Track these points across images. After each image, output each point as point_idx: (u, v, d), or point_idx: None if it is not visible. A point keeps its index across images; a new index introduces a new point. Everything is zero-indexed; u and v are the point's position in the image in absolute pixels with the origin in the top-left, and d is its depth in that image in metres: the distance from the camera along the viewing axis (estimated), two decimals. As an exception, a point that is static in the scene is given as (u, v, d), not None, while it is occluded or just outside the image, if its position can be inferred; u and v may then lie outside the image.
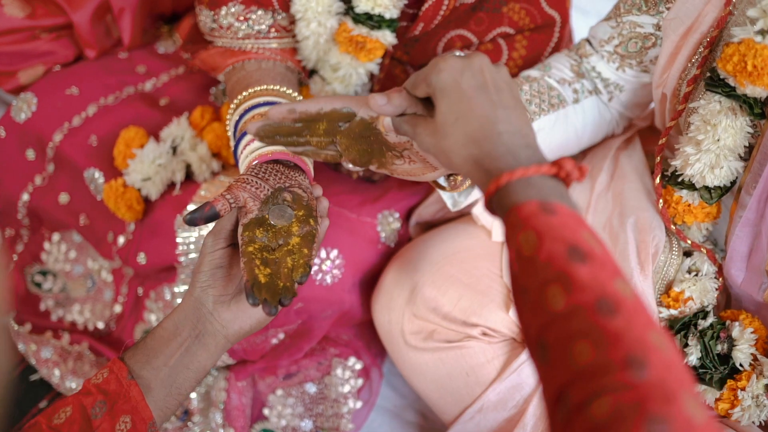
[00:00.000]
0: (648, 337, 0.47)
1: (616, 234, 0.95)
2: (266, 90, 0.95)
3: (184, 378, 0.76)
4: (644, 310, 0.50)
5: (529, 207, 0.56)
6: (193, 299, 0.77)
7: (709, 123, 0.84)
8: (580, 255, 0.52)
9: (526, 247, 0.54)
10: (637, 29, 0.94)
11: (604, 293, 0.49)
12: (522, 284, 0.54)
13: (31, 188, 1.22)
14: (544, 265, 0.52)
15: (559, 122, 0.98)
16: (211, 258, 0.77)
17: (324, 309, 1.05)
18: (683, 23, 0.87)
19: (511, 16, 1.07)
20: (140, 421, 0.73)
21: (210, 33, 1.06)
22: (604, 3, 1.86)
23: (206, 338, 0.77)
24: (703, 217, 0.91)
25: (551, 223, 0.54)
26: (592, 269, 0.51)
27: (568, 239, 0.53)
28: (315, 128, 0.83)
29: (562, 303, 0.50)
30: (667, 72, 0.91)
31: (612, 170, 1.06)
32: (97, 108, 1.19)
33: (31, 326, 1.23)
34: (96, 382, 0.74)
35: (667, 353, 0.47)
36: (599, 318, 0.48)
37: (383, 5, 1.01)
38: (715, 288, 0.92)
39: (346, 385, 1.12)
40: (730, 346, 0.87)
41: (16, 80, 1.24)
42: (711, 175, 0.87)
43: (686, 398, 0.44)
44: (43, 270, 1.26)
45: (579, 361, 0.47)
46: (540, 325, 0.51)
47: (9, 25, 1.21)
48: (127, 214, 1.08)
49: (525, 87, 0.98)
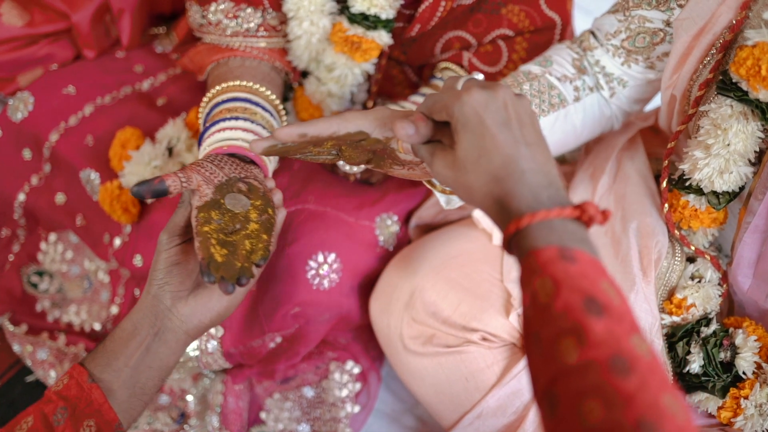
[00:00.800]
0: (662, 401, 0.46)
1: (619, 239, 0.93)
2: (242, 86, 0.95)
3: (147, 377, 0.76)
4: (660, 370, 0.49)
5: (548, 253, 0.54)
6: (151, 297, 0.77)
7: (720, 127, 0.83)
8: (598, 308, 0.50)
9: (542, 294, 0.52)
10: (646, 24, 0.92)
11: (620, 350, 0.48)
12: (535, 331, 0.52)
13: (27, 188, 1.21)
14: (560, 315, 0.51)
15: (559, 121, 0.97)
16: (166, 255, 0.77)
17: (322, 313, 1.04)
18: (696, 24, 0.85)
19: (510, 18, 1.06)
20: (105, 424, 0.72)
21: (199, 29, 1.06)
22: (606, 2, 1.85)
23: (166, 335, 0.77)
24: (710, 223, 0.89)
25: (570, 272, 0.52)
26: (608, 324, 0.50)
27: (586, 290, 0.51)
28: (323, 144, 0.82)
29: (575, 357, 0.48)
30: (678, 73, 0.89)
31: (615, 172, 1.05)
32: (94, 108, 1.18)
33: (27, 327, 1.22)
34: (56, 389, 0.74)
35: (680, 420, 0.46)
36: (612, 376, 0.47)
37: (379, 5, 1.01)
38: (718, 295, 0.91)
39: (344, 389, 1.11)
40: (733, 354, 0.86)
41: (16, 84, 1.24)
42: (720, 180, 0.85)
43: None
44: (40, 270, 1.25)
45: (589, 420, 0.46)
46: (550, 376, 0.49)
47: (8, 34, 1.20)
48: (122, 216, 1.07)
49: (525, 86, 0.96)
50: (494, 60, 1.09)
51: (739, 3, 0.81)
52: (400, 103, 1.11)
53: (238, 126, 0.89)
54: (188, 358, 1.07)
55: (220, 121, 0.90)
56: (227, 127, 0.89)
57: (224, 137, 0.88)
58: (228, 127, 0.89)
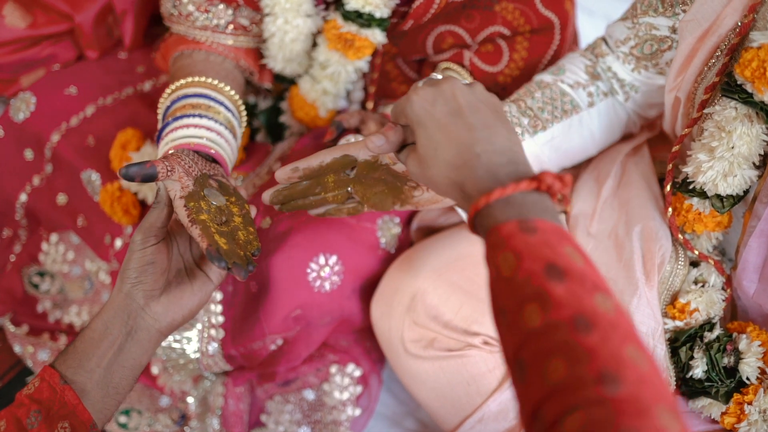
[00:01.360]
0: (624, 352, 0.47)
1: (622, 243, 0.93)
2: (207, 83, 0.95)
3: (120, 377, 0.77)
4: (624, 324, 0.50)
5: (508, 227, 0.55)
6: (123, 296, 0.77)
7: (724, 129, 0.82)
8: (558, 272, 0.52)
9: (505, 268, 0.54)
10: (653, 31, 0.92)
11: (582, 310, 0.49)
12: (501, 305, 0.54)
13: (29, 189, 1.21)
14: (522, 284, 0.52)
15: (573, 128, 0.98)
16: (141, 254, 0.77)
17: (323, 316, 1.04)
18: (700, 25, 0.84)
19: (504, 15, 1.05)
20: (79, 425, 0.72)
21: (169, 18, 1.06)
22: (611, 3, 1.84)
23: (139, 334, 0.77)
24: (714, 226, 0.89)
25: (530, 242, 0.54)
26: (570, 286, 0.51)
27: (547, 257, 0.53)
28: (325, 183, 0.84)
29: (539, 321, 0.50)
30: (682, 75, 0.89)
31: (619, 176, 1.05)
32: (96, 108, 1.18)
33: (28, 328, 1.22)
34: (28, 392, 0.74)
35: (642, 367, 0.47)
36: (575, 334, 0.48)
37: (374, 4, 1.00)
38: (722, 299, 0.90)
39: (345, 392, 1.11)
40: (736, 359, 0.86)
41: (18, 85, 1.24)
42: (724, 184, 0.84)
43: (660, 411, 0.44)
44: (41, 271, 1.25)
45: (553, 378, 0.47)
46: (517, 343, 0.51)
47: (11, 36, 1.21)
48: (123, 218, 1.06)
49: (537, 94, 0.98)
50: (495, 60, 1.09)
51: (745, 5, 0.80)
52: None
53: (202, 124, 0.90)
54: (189, 360, 1.06)
55: (184, 117, 0.90)
56: (191, 124, 0.89)
57: (188, 134, 0.88)
58: (192, 124, 0.89)
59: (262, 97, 1.22)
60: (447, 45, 1.10)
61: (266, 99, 1.22)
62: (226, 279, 1.03)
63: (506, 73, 1.09)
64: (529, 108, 0.96)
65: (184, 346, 1.05)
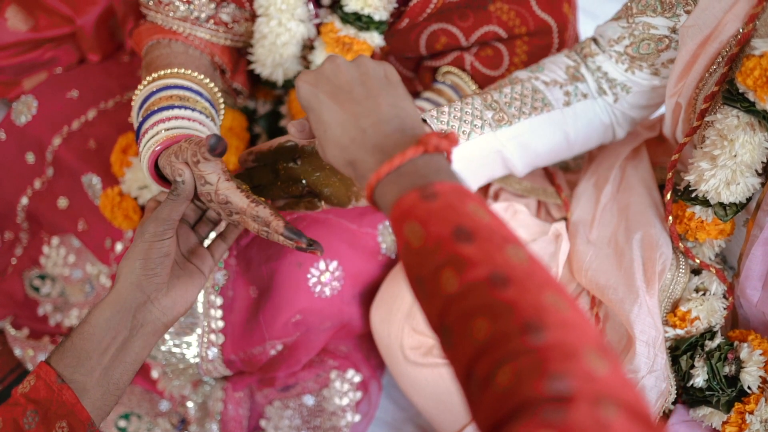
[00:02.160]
0: (543, 299, 0.47)
1: (622, 250, 0.92)
2: (190, 75, 0.93)
3: (121, 372, 0.75)
4: (540, 272, 0.50)
5: (409, 198, 0.55)
6: (131, 289, 0.75)
7: (726, 138, 0.81)
8: (466, 233, 0.51)
9: (413, 239, 0.53)
10: (651, 31, 0.91)
11: (495, 266, 0.49)
12: (416, 275, 0.53)
13: (30, 192, 1.21)
14: (433, 251, 0.52)
15: (543, 126, 0.95)
16: (160, 246, 0.76)
17: (323, 321, 1.03)
18: (701, 31, 0.83)
19: (499, 16, 1.04)
20: (78, 423, 0.71)
21: (146, 5, 1.03)
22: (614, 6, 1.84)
23: (145, 328, 0.76)
24: (717, 234, 0.88)
25: (433, 209, 0.53)
26: (480, 244, 0.51)
27: (453, 220, 0.52)
28: (277, 171, 0.86)
29: (456, 284, 0.50)
30: (683, 81, 0.88)
31: (618, 181, 1.04)
32: (97, 112, 1.18)
33: (28, 331, 1.22)
34: (23, 391, 0.72)
35: (565, 312, 0.47)
36: (493, 291, 0.48)
37: (373, 6, 1.00)
38: (723, 308, 0.89)
39: (345, 397, 1.10)
40: (737, 368, 0.85)
41: (21, 88, 1.24)
42: (726, 192, 0.84)
43: (587, 353, 0.44)
44: (42, 274, 1.25)
45: (478, 337, 0.47)
46: (439, 310, 0.51)
47: (13, 39, 1.21)
48: (123, 223, 1.06)
49: (506, 89, 0.95)
50: (496, 64, 1.08)
51: (746, 12, 0.79)
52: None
53: (195, 117, 0.87)
54: (188, 365, 1.06)
55: (175, 108, 0.87)
56: (184, 116, 0.87)
57: (183, 125, 0.86)
58: (185, 117, 0.87)
59: (261, 102, 1.21)
60: (440, 44, 1.08)
61: (265, 104, 1.21)
62: (226, 284, 1.03)
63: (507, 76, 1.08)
64: (495, 101, 0.93)
65: (184, 350, 1.05)
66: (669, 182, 0.91)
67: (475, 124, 0.91)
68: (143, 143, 0.85)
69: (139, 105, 0.90)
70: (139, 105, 0.90)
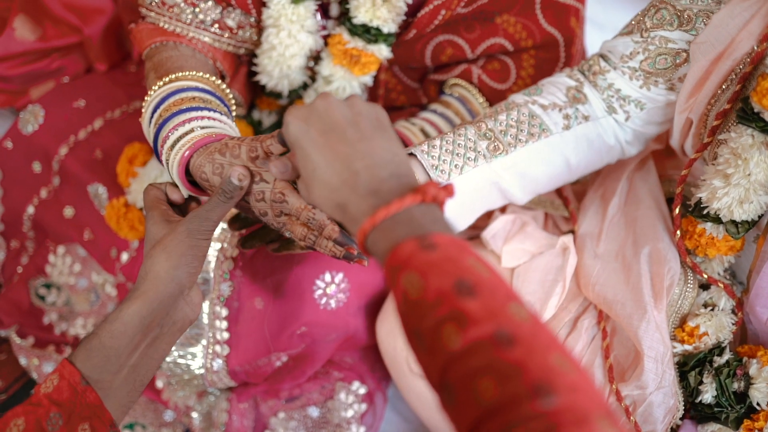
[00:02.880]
0: (550, 361, 0.46)
1: (630, 264, 0.92)
2: (208, 79, 0.91)
3: (146, 369, 0.74)
4: (543, 332, 0.49)
5: (406, 247, 0.53)
6: (174, 285, 0.73)
7: (740, 157, 0.81)
8: (468, 287, 0.50)
9: (412, 290, 0.52)
10: (669, 45, 0.89)
11: (500, 324, 0.48)
12: (414, 328, 0.52)
13: (36, 201, 1.21)
14: (434, 304, 0.50)
15: (541, 153, 0.92)
16: (203, 244, 0.75)
17: (328, 333, 1.03)
18: (714, 48, 0.82)
19: (505, 28, 1.03)
20: (100, 425, 0.70)
21: (148, 6, 1.00)
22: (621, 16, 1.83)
23: (175, 325, 0.75)
24: (727, 251, 0.87)
25: (432, 260, 0.52)
26: (483, 300, 0.49)
27: (454, 273, 0.51)
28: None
29: (459, 342, 0.48)
30: (694, 97, 0.87)
31: (626, 192, 1.03)
32: (103, 122, 1.18)
33: (33, 340, 1.22)
34: (46, 391, 0.70)
35: (572, 375, 0.46)
36: (498, 351, 0.47)
37: (382, 18, 0.99)
38: (732, 323, 0.89)
39: (350, 409, 1.10)
40: (747, 384, 0.84)
41: (28, 97, 1.24)
42: (739, 210, 0.83)
43: (599, 419, 0.44)
44: (48, 283, 1.25)
45: (485, 398, 0.46)
46: (440, 367, 0.49)
47: (21, 48, 1.21)
48: (129, 234, 1.06)
49: (502, 116, 0.92)
50: (503, 77, 1.08)
51: (761, 31, 0.79)
52: (411, 120, 1.10)
53: (220, 119, 0.85)
54: (193, 375, 1.06)
55: (203, 109, 0.84)
56: (211, 117, 0.84)
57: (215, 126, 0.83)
58: (212, 118, 0.84)
59: (266, 113, 1.21)
60: (446, 56, 1.08)
61: (270, 114, 1.21)
62: (232, 295, 1.02)
63: (514, 90, 1.08)
64: (490, 130, 0.90)
65: (189, 361, 1.05)
66: (678, 197, 0.90)
67: (469, 156, 0.88)
68: (170, 142, 0.82)
69: (154, 106, 0.87)
70: (155, 106, 0.87)
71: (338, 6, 1.04)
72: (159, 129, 0.84)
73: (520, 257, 1.00)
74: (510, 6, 1.02)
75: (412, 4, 1.00)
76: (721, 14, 0.81)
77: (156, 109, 0.86)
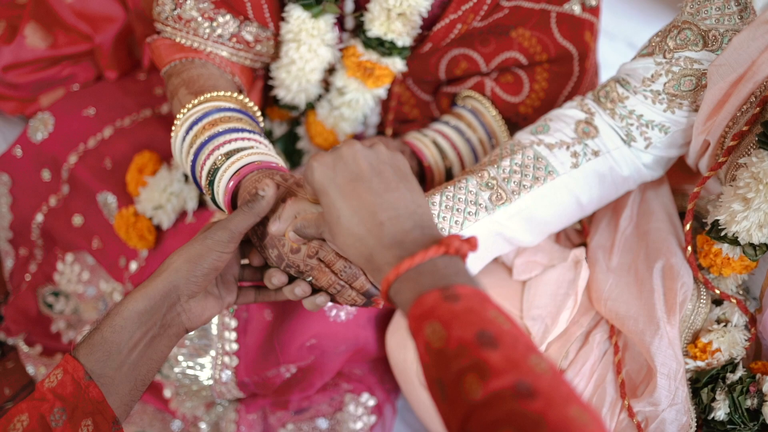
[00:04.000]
0: (570, 413, 0.47)
1: (642, 279, 0.91)
2: (236, 99, 0.90)
3: (147, 369, 0.74)
4: (563, 384, 0.50)
5: (430, 297, 0.55)
6: (170, 287, 0.73)
7: (762, 182, 0.80)
8: (491, 339, 0.51)
9: (435, 340, 0.53)
10: (695, 66, 0.87)
11: (521, 375, 0.49)
12: (435, 377, 0.53)
13: (45, 209, 1.21)
14: (456, 355, 0.51)
15: (548, 195, 0.90)
16: (219, 256, 0.74)
17: (338, 345, 1.03)
18: (734, 70, 0.81)
19: (521, 42, 1.03)
20: (103, 421, 0.70)
21: (164, 21, 1.00)
22: (633, 26, 1.82)
23: (172, 329, 0.76)
24: (741, 270, 0.86)
25: (456, 311, 0.53)
26: (504, 351, 0.51)
27: (476, 324, 0.52)
28: None
29: (480, 392, 0.49)
30: (712, 119, 0.85)
31: (638, 204, 1.03)
32: (113, 130, 1.18)
33: (41, 348, 1.22)
34: (50, 385, 0.70)
35: (590, 427, 0.47)
36: (520, 402, 0.48)
37: (396, 32, 0.99)
38: (745, 339, 0.88)
39: (359, 421, 1.10)
40: (760, 401, 0.83)
41: (38, 105, 1.24)
42: (759, 234, 0.82)
43: None
44: (56, 291, 1.25)
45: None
46: (461, 417, 0.50)
47: (31, 56, 1.21)
48: (138, 243, 1.06)
49: (505, 162, 0.90)
50: (516, 90, 1.07)
51: None
52: (423, 131, 1.10)
53: (260, 140, 0.85)
54: (202, 386, 1.06)
55: (245, 131, 0.84)
56: (251, 138, 0.84)
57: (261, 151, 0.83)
58: (252, 138, 0.84)
59: (276, 123, 1.21)
60: (460, 70, 1.08)
61: (281, 125, 1.21)
62: (242, 306, 1.02)
63: (527, 103, 1.07)
64: (493, 178, 0.89)
65: (198, 372, 1.04)
66: (689, 213, 0.89)
67: (469, 211, 0.87)
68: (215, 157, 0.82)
69: (191, 122, 0.86)
70: (192, 122, 0.86)
71: (353, 19, 1.04)
72: (200, 148, 0.84)
73: (532, 270, 0.99)
74: (525, 20, 1.02)
75: (427, 18, 0.99)
76: (741, 36, 0.80)
77: (192, 127, 0.86)
